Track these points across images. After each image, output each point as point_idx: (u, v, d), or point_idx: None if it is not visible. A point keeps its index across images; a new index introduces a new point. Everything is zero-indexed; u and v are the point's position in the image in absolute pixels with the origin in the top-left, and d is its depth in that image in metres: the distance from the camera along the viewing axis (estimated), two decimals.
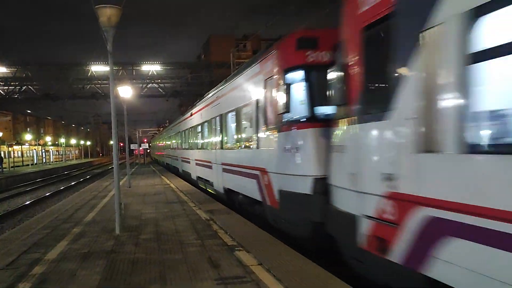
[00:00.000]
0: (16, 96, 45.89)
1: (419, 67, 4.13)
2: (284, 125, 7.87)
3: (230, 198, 12.61)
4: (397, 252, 4.48)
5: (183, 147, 25.07)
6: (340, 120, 5.94)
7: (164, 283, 5.57)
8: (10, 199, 23.91)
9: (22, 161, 63.29)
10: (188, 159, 21.84)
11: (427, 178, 4.08)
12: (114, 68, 9.69)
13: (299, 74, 7.63)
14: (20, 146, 66.92)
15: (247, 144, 10.79)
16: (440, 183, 3.91)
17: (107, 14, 8.27)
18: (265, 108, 8.97)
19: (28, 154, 68.88)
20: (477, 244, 3.45)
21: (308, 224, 7.18)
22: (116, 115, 9.14)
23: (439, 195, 3.88)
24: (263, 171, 9.08)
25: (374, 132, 5.05)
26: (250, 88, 10.18)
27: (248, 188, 10.28)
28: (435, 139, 3.91)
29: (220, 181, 13.50)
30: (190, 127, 21.56)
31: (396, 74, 4.48)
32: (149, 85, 47.29)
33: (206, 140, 16.94)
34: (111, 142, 10.25)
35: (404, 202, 4.35)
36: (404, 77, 4.36)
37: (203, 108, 17.58)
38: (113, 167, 9.63)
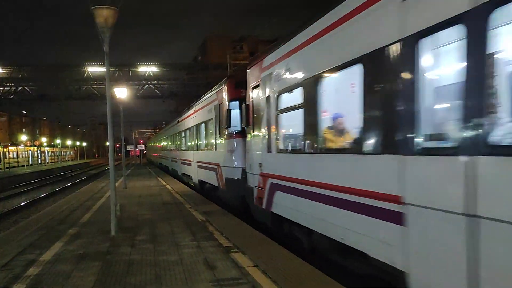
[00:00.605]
0: (11, 96, 45.68)
1: (265, 112, 8.53)
2: (227, 135, 12.19)
3: (202, 187, 16.70)
4: (264, 203, 8.70)
5: (172, 149, 29.79)
6: (247, 134, 10.27)
7: (159, 285, 5.57)
8: (5, 200, 23.79)
9: (17, 162, 62.95)
10: (176, 159, 26.41)
11: (269, 164, 8.44)
12: (110, 69, 9.69)
13: (236, 103, 11.70)
14: (15, 147, 66.60)
15: (210, 147, 14.78)
16: (272, 166, 8.28)
17: (104, 15, 8.26)
18: (219, 123, 13.22)
19: (23, 155, 68.49)
20: (285, 193, 7.57)
21: (239, 197, 11.19)
22: (113, 116, 9.12)
23: (273, 172, 8.23)
24: (218, 165, 13.15)
25: (255, 142, 9.41)
26: (211, 108, 14.54)
27: (211, 178, 14.39)
28: (271, 146, 8.28)
29: (196, 174, 17.85)
30: (177, 133, 26.16)
31: (261, 114, 8.85)
32: (146, 86, 47.19)
33: (187, 144, 21.29)
34: (107, 143, 10.44)
35: (265, 177, 8.63)
36: (262, 116, 8.73)
37: (185, 118, 22.11)
38: (108, 168, 9.62)
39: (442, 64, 4.44)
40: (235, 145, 11.62)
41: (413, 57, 4.14)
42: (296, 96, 7.03)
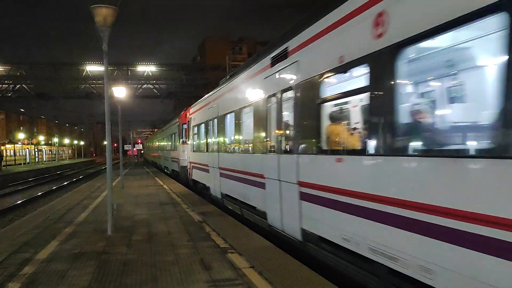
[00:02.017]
0: (9, 94, 45.62)
1: (190, 133, 19.27)
2: (181, 142, 22.98)
3: (172, 173, 27.68)
4: (190, 175, 18.69)
5: (159, 149, 41.03)
6: (188, 142, 20.43)
7: (155, 285, 5.55)
8: (2, 198, 23.69)
9: (15, 160, 62.73)
10: (161, 157, 38.28)
11: (192, 156, 18.73)
12: (109, 68, 9.66)
13: (186, 125, 20.73)
14: (12, 145, 66.39)
15: (176, 149, 25.49)
16: (192, 157, 18.60)
17: (103, 14, 8.25)
18: (179, 135, 23.96)
19: (20, 153, 68.26)
20: (200, 171, 16.38)
21: (186, 176, 20.19)
22: (111, 115, 9.10)
23: (192, 160, 18.51)
24: (178, 159, 23.84)
25: (189, 147, 19.72)
26: (176, 126, 25.45)
27: (175, 166, 25.46)
28: (192, 148, 18.74)
29: (170, 166, 29.24)
30: (161, 138, 38.46)
31: (190, 133, 19.59)
32: (144, 86, 47.23)
33: (166, 146, 32.87)
34: (105, 142, 10.55)
35: (191, 162, 18.89)
36: (189, 135, 19.69)
37: (165, 129, 34.95)
38: (106, 168, 9.59)
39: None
40: (184, 148, 21.54)
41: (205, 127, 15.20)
42: (197, 129, 16.93)
